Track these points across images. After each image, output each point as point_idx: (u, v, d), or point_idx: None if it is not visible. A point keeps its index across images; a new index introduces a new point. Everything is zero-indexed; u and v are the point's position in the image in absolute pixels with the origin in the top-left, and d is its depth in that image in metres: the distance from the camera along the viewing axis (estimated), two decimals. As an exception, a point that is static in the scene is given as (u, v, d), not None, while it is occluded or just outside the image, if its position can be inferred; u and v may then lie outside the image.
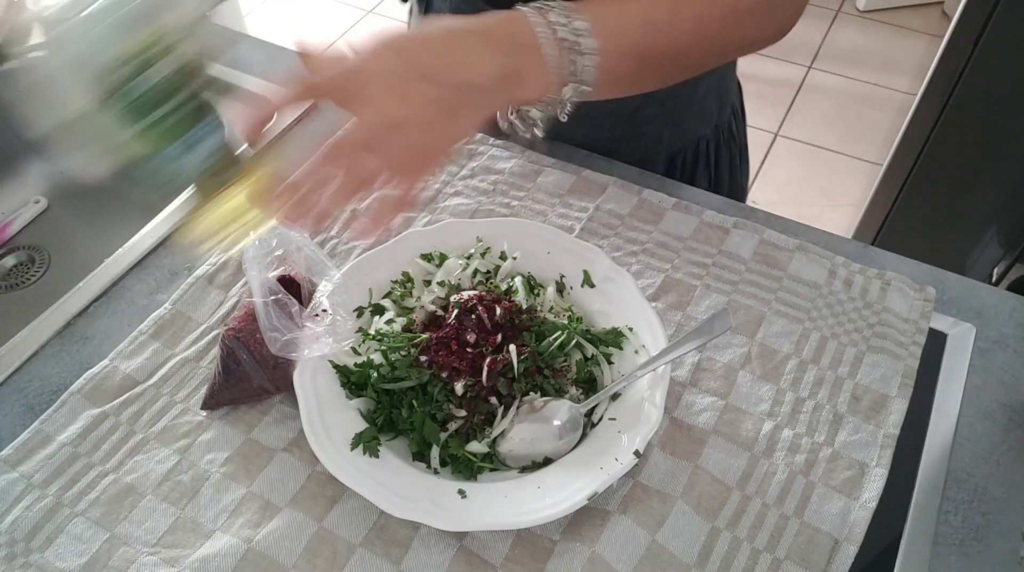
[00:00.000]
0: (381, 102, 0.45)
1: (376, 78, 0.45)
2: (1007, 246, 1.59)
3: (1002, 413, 0.67)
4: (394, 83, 0.44)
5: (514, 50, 0.47)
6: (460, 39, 0.46)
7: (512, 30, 0.47)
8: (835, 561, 0.58)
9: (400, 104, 0.44)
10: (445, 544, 0.59)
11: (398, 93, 0.44)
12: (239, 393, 0.65)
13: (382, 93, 0.44)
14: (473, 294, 0.67)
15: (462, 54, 0.46)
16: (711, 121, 0.91)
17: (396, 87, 0.44)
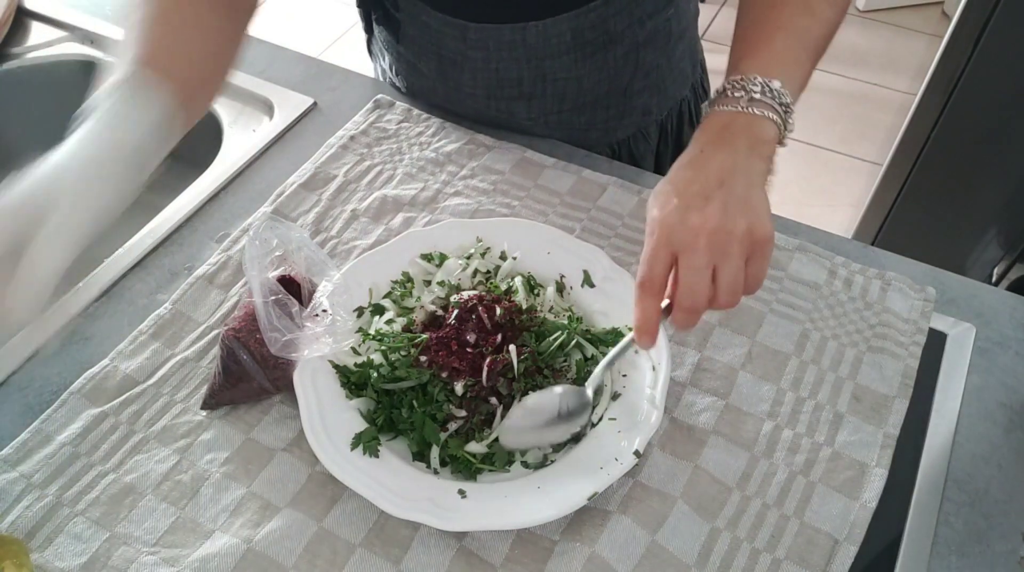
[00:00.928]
0: (701, 228, 0.52)
1: (682, 221, 0.52)
2: (1007, 246, 1.59)
3: (1002, 414, 0.67)
4: (693, 215, 0.52)
5: (740, 132, 0.55)
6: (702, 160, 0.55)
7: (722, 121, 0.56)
8: (835, 561, 0.58)
9: (712, 219, 0.52)
10: (445, 544, 0.59)
11: (703, 216, 0.52)
12: (239, 393, 0.65)
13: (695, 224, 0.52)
14: (473, 294, 0.67)
15: (713, 165, 0.54)
16: (688, 80, 0.94)
17: (698, 214, 0.52)
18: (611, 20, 0.81)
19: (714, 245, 0.52)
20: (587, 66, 0.84)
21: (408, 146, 0.89)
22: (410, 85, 0.94)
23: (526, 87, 0.85)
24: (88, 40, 1.04)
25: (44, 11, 1.06)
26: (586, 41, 0.81)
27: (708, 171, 0.54)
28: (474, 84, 0.86)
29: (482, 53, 0.83)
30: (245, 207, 0.83)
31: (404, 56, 0.90)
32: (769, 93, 0.56)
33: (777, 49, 0.60)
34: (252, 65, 0.99)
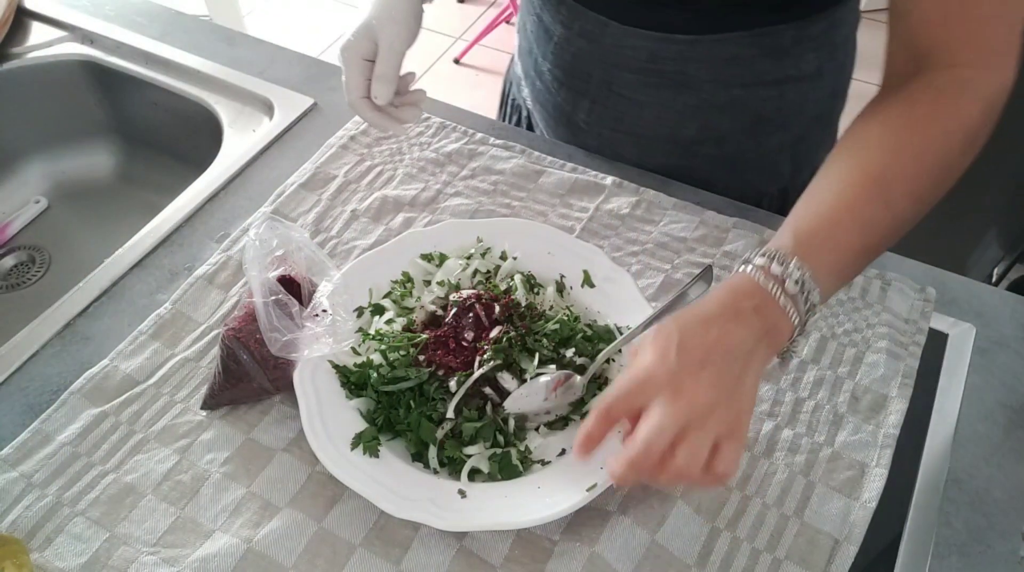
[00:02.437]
0: (686, 394, 0.49)
1: (672, 379, 0.49)
2: (1007, 246, 1.59)
3: (1002, 413, 0.67)
4: (685, 377, 0.49)
5: (760, 313, 0.52)
6: (715, 322, 0.51)
7: (751, 294, 0.53)
8: (835, 561, 0.58)
9: (701, 389, 0.49)
10: (445, 544, 0.59)
11: (694, 382, 0.49)
12: (239, 393, 0.65)
13: (682, 387, 0.49)
14: (471, 293, 0.67)
15: (724, 333, 0.51)
16: (781, 181, 0.87)
17: (690, 378, 0.49)
18: (691, 64, 0.77)
19: (692, 416, 0.49)
20: (652, 96, 0.81)
21: (408, 146, 0.89)
22: (519, 46, 0.94)
23: (592, 87, 0.84)
24: (88, 40, 1.04)
25: (44, 11, 1.06)
26: (661, 70, 0.78)
27: (719, 341, 0.51)
28: (555, 61, 0.85)
29: (566, 31, 0.81)
30: (245, 207, 0.83)
31: (523, 11, 0.91)
32: (803, 292, 0.52)
33: (835, 238, 0.55)
34: (252, 65, 0.99)
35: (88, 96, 1.05)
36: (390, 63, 0.69)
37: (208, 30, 1.06)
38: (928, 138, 0.57)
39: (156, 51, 1.00)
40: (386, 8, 0.69)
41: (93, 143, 1.08)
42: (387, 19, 0.69)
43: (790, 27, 0.74)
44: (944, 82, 0.58)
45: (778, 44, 0.75)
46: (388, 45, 0.69)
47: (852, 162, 0.58)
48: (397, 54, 0.69)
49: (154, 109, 1.02)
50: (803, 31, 0.75)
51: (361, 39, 0.69)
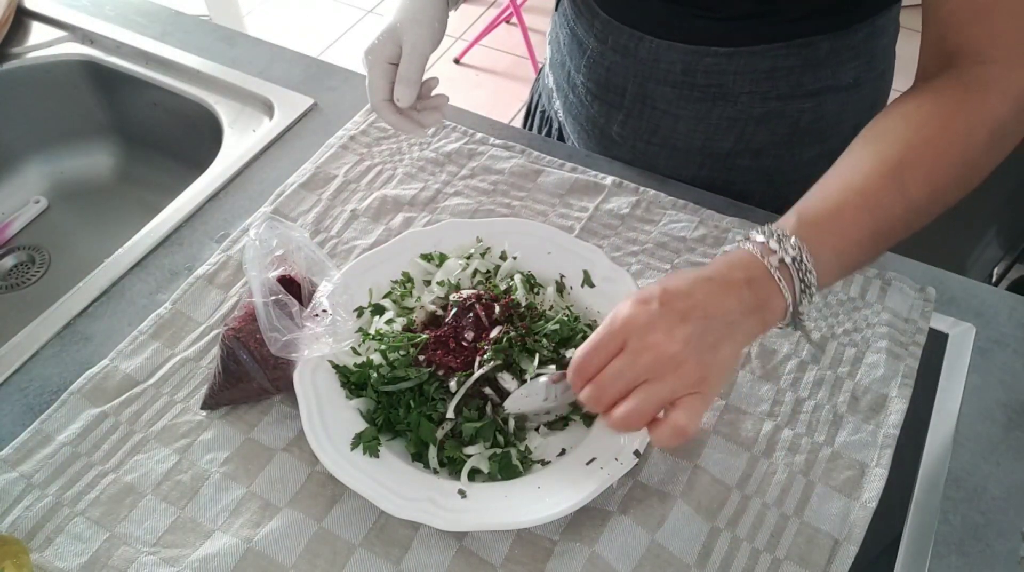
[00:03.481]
0: (655, 344, 0.49)
1: (646, 326, 0.50)
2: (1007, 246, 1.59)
3: (1002, 413, 0.67)
4: (661, 327, 0.49)
5: (752, 286, 0.52)
6: (704, 285, 0.51)
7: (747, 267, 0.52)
8: (835, 561, 0.58)
9: (671, 343, 0.49)
10: (445, 544, 0.59)
11: (666, 335, 0.49)
12: (239, 393, 0.65)
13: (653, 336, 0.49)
14: (471, 293, 0.67)
15: (710, 297, 0.51)
16: None
17: (663, 330, 0.49)
18: (728, 76, 0.76)
19: (655, 365, 0.49)
20: (688, 109, 0.80)
21: (408, 146, 0.89)
22: (551, 56, 0.94)
23: (627, 100, 0.83)
24: (88, 40, 1.04)
25: (44, 11, 1.06)
26: (695, 84, 0.78)
27: (703, 302, 0.51)
28: (588, 73, 0.85)
29: (600, 46, 0.81)
30: (245, 207, 0.84)
31: (556, 24, 0.91)
32: (799, 266, 0.52)
33: (843, 219, 0.54)
34: (252, 65, 0.99)
35: (88, 96, 1.05)
36: (413, 65, 0.69)
37: (208, 30, 1.06)
38: (950, 131, 0.56)
39: (156, 51, 1.00)
40: (411, 11, 0.69)
41: (93, 143, 1.08)
42: (411, 21, 0.69)
43: (828, 37, 0.73)
44: (971, 78, 0.57)
45: (816, 55, 0.74)
46: (411, 47, 0.69)
47: (868, 150, 0.57)
48: (421, 56, 0.69)
49: (154, 109, 1.02)
50: (842, 41, 0.74)
51: (385, 42, 0.69)
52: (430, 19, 0.70)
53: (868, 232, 0.55)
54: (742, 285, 0.52)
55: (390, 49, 0.69)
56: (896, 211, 0.55)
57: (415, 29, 0.69)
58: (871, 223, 0.54)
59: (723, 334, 0.50)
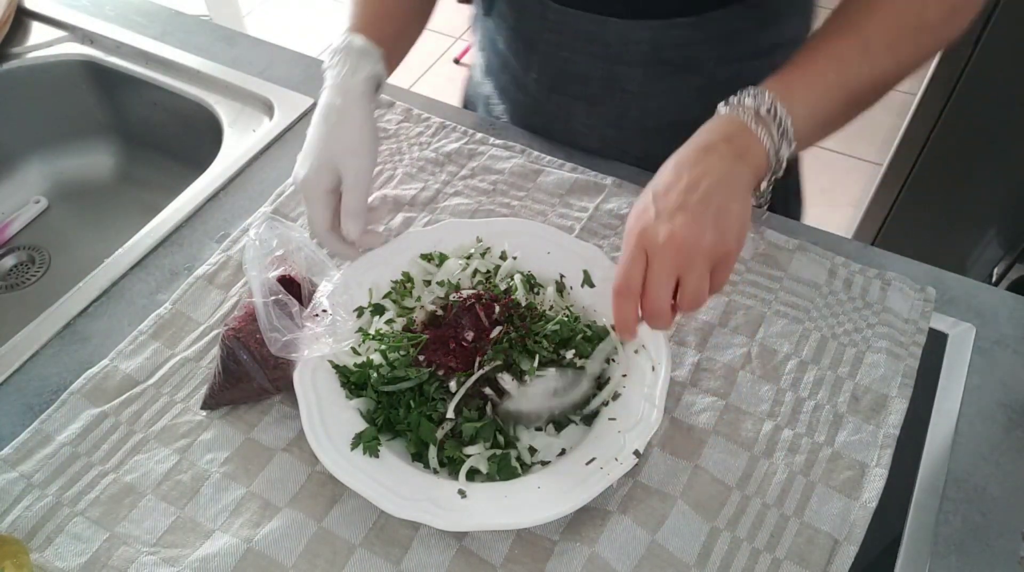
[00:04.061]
0: (669, 239, 0.54)
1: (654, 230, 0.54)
2: (1007, 246, 1.59)
3: (1002, 413, 0.67)
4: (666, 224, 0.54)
5: (731, 140, 0.57)
6: (683, 162, 0.57)
7: (724, 125, 0.58)
8: (835, 561, 0.58)
9: (681, 230, 0.53)
10: (445, 544, 0.59)
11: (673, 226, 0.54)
12: (239, 393, 0.65)
13: (665, 234, 0.54)
14: (472, 293, 0.67)
15: (694, 169, 0.56)
16: None
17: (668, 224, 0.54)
18: (696, 46, 0.77)
19: (679, 258, 0.54)
20: (659, 85, 0.81)
21: (408, 146, 0.89)
22: (488, 64, 0.93)
23: (592, 87, 0.83)
24: (88, 40, 1.04)
25: (44, 11, 1.06)
26: (664, 59, 0.79)
27: (690, 178, 0.55)
28: (542, 70, 0.84)
29: (556, 37, 0.80)
30: (245, 207, 0.84)
31: (488, 30, 0.90)
32: (773, 115, 0.57)
33: (809, 74, 0.60)
34: (252, 65, 0.99)
35: (88, 96, 1.05)
36: (360, 198, 0.67)
37: (208, 30, 1.06)
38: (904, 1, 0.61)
39: (156, 51, 1.00)
40: (346, 142, 0.67)
41: (93, 143, 1.08)
42: (350, 153, 0.66)
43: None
44: None
45: (767, 13, 0.78)
46: (355, 179, 0.67)
47: (831, 21, 0.62)
48: (366, 188, 0.68)
49: (154, 109, 1.02)
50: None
51: (322, 174, 0.66)
52: (368, 148, 0.68)
53: (836, 86, 0.59)
54: (719, 142, 0.57)
55: (327, 179, 0.66)
56: (862, 70, 0.60)
57: (356, 161, 0.67)
58: (838, 78, 0.59)
59: (721, 193, 0.55)
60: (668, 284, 0.55)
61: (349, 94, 0.67)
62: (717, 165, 0.56)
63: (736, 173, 0.56)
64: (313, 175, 0.66)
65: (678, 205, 0.54)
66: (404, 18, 0.76)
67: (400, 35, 0.75)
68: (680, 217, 0.54)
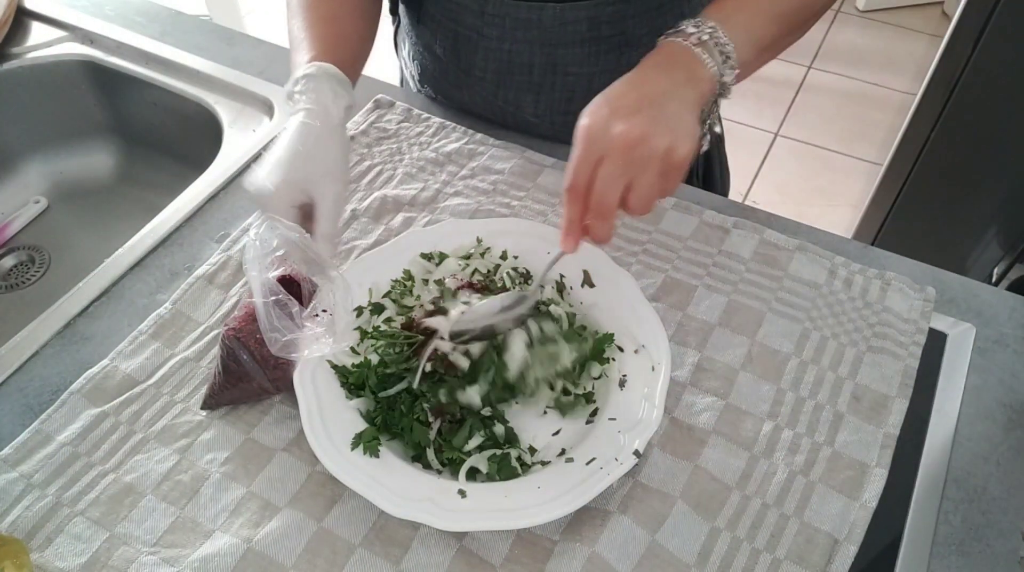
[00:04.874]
0: (621, 135, 0.54)
1: (607, 128, 0.55)
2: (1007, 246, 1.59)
3: (1002, 413, 0.67)
4: (620, 122, 0.55)
5: (679, 65, 0.59)
6: (637, 78, 0.59)
7: (669, 51, 0.60)
8: (835, 561, 0.58)
9: (634, 127, 0.54)
10: (445, 544, 0.59)
11: (627, 124, 0.54)
12: (239, 393, 0.65)
13: (617, 131, 0.54)
14: (464, 281, 0.67)
15: (647, 83, 0.58)
16: None
17: (623, 123, 0.54)
18: (629, 21, 0.81)
19: (632, 157, 0.54)
20: (599, 64, 0.84)
21: (408, 146, 0.89)
22: (423, 71, 0.94)
23: (536, 76, 0.85)
24: (88, 40, 1.04)
25: (44, 11, 1.06)
26: (601, 37, 0.81)
27: (643, 89, 0.57)
28: (485, 66, 0.86)
29: (497, 31, 0.83)
30: (245, 207, 0.83)
31: (421, 38, 0.91)
32: (714, 40, 0.59)
33: (745, 2, 0.63)
34: (252, 65, 0.99)
35: (88, 96, 1.05)
36: (335, 222, 0.65)
37: (208, 30, 1.06)
38: None
39: (156, 51, 1.00)
40: (324, 165, 0.64)
41: (93, 143, 1.08)
42: (327, 177, 0.64)
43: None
44: None
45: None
46: (332, 205, 0.64)
47: None
48: (340, 213, 0.66)
49: (154, 109, 1.02)
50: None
51: (293, 190, 0.63)
52: (344, 177, 0.67)
53: (769, 9, 0.63)
54: (669, 66, 0.59)
55: (296, 196, 0.63)
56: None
57: (333, 187, 0.64)
58: (769, 5, 0.63)
59: (672, 104, 0.56)
60: (618, 183, 0.55)
61: (329, 120, 0.65)
62: (667, 81, 0.58)
63: (685, 91, 0.58)
64: (284, 189, 0.63)
65: (634, 108, 0.55)
66: (359, 42, 0.77)
67: (357, 59, 0.75)
68: (636, 118, 0.55)
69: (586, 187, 0.56)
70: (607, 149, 0.54)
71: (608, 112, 0.55)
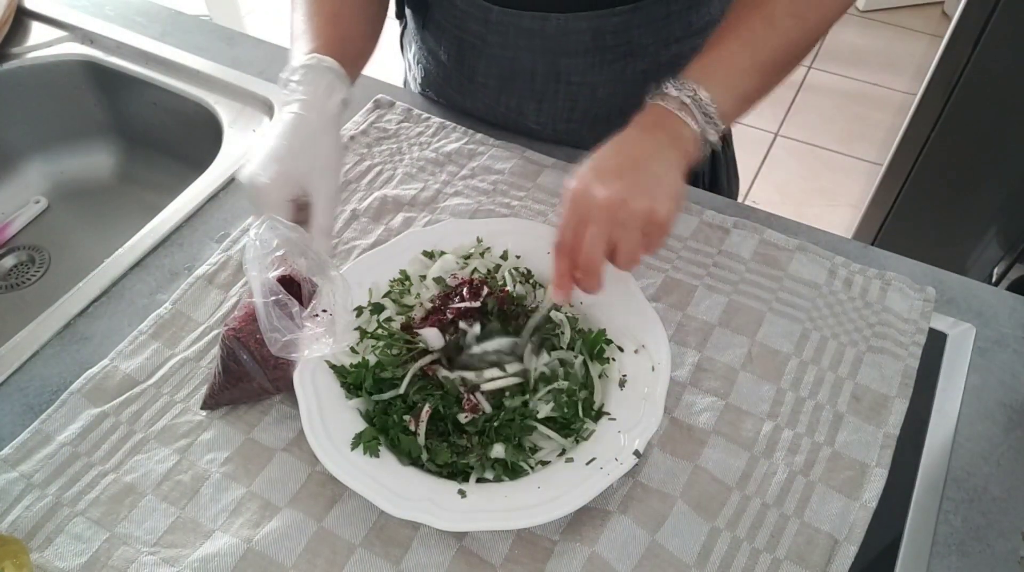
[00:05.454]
0: (604, 199, 0.57)
1: (590, 193, 0.58)
2: (1007, 246, 1.59)
3: (1002, 413, 0.67)
4: (602, 187, 0.58)
5: (663, 127, 0.62)
6: (622, 143, 0.61)
7: (653, 113, 0.63)
8: (835, 561, 0.58)
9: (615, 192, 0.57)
10: (445, 544, 0.59)
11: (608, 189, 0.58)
12: (239, 393, 0.65)
13: (600, 196, 0.58)
14: (463, 279, 0.68)
15: (631, 148, 0.61)
16: None
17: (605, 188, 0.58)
18: (635, 31, 0.80)
19: (614, 219, 0.58)
20: (603, 73, 0.83)
21: (408, 146, 0.89)
22: (426, 75, 0.94)
23: (539, 83, 0.85)
24: (88, 40, 1.04)
25: (44, 11, 1.06)
26: (606, 46, 0.81)
27: (627, 152, 0.60)
28: (488, 72, 0.86)
29: (501, 39, 0.82)
30: (245, 207, 0.83)
31: (426, 43, 0.91)
32: (696, 102, 0.61)
33: (723, 56, 0.64)
34: (252, 65, 0.99)
35: (88, 96, 1.05)
36: (331, 216, 0.65)
37: (208, 30, 1.06)
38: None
39: (156, 51, 1.00)
40: (319, 159, 0.64)
41: (93, 143, 1.08)
42: (323, 172, 0.64)
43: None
44: None
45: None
46: (327, 200, 0.64)
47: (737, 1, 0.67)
48: (335, 207, 0.67)
49: (154, 109, 1.02)
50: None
51: (288, 183, 0.62)
52: (338, 172, 0.67)
53: (749, 63, 0.64)
54: (654, 128, 0.62)
55: (289, 190, 0.63)
56: (772, 43, 0.64)
57: (328, 181, 0.64)
58: (751, 55, 0.64)
59: (656, 166, 0.59)
60: (601, 243, 0.58)
61: (325, 114, 0.65)
62: (652, 144, 0.61)
63: (669, 153, 0.60)
64: (279, 182, 0.62)
65: (615, 173, 0.59)
66: (363, 41, 0.76)
67: (358, 58, 0.75)
68: (617, 182, 0.58)
69: (572, 246, 0.60)
70: (591, 212, 0.58)
71: (592, 176, 0.59)
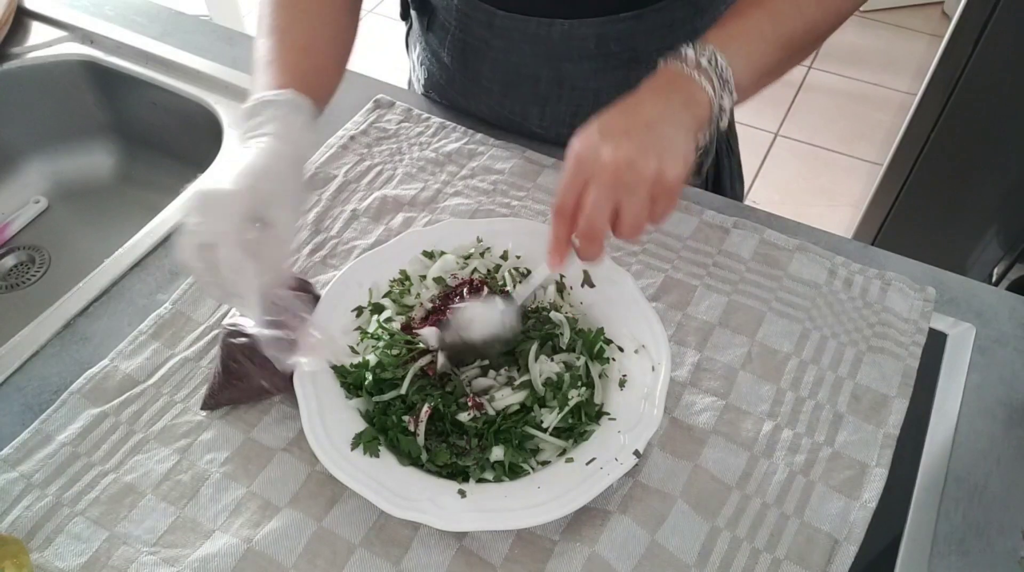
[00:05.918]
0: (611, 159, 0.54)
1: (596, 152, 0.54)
2: (1007, 246, 1.59)
3: (1002, 412, 0.67)
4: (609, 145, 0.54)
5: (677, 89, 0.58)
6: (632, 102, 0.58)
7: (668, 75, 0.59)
8: (835, 561, 0.58)
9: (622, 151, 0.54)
10: (445, 544, 0.59)
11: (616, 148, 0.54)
12: (239, 393, 0.65)
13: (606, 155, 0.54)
14: (463, 279, 0.68)
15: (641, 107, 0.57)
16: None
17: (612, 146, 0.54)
18: (639, 37, 0.80)
19: (619, 181, 0.53)
20: (607, 79, 0.83)
21: (408, 146, 0.89)
22: (430, 77, 0.94)
23: (542, 88, 0.85)
24: (88, 40, 1.04)
25: (44, 11, 1.06)
26: (610, 53, 0.81)
27: (638, 113, 0.57)
28: (492, 76, 0.86)
29: (505, 43, 0.82)
30: (245, 207, 0.83)
31: (430, 45, 0.91)
32: (715, 65, 0.58)
33: (746, 26, 0.62)
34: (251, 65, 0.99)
35: (88, 96, 1.05)
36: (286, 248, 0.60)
37: (208, 30, 1.06)
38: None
39: (156, 51, 1.00)
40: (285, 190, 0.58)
41: (93, 143, 1.08)
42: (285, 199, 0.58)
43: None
44: None
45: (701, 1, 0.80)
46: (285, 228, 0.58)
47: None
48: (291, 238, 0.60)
49: (154, 109, 1.02)
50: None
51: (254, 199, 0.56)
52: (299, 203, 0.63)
53: (771, 36, 0.62)
54: (667, 90, 0.58)
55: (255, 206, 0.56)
56: (795, 22, 0.62)
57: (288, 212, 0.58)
58: (772, 28, 0.62)
59: (666, 127, 0.55)
60: (605, 207, 0.54)
61: (299, 149, 0.61)
62: (664, 105, 0.57)
63: (682, 115, 0.57)
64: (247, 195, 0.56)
65: (624, 131, 0.55)
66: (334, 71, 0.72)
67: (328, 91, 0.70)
68: (625, 142, 0.54)
69: (573, 209, 0.56)
70: (595, 172, 0.54)
71: (599, 136, 0.55)
